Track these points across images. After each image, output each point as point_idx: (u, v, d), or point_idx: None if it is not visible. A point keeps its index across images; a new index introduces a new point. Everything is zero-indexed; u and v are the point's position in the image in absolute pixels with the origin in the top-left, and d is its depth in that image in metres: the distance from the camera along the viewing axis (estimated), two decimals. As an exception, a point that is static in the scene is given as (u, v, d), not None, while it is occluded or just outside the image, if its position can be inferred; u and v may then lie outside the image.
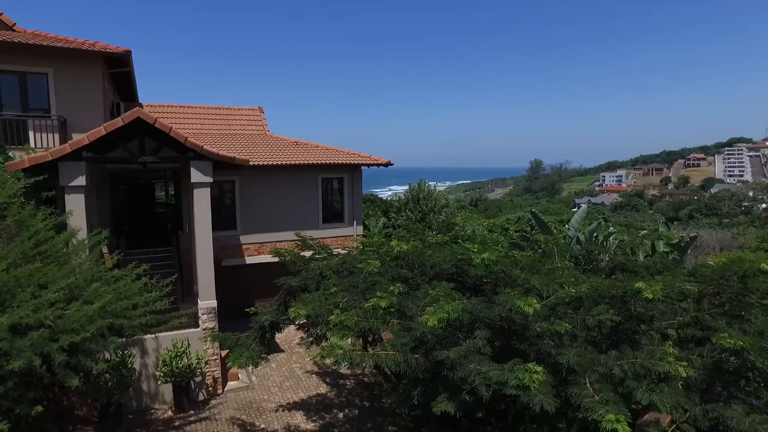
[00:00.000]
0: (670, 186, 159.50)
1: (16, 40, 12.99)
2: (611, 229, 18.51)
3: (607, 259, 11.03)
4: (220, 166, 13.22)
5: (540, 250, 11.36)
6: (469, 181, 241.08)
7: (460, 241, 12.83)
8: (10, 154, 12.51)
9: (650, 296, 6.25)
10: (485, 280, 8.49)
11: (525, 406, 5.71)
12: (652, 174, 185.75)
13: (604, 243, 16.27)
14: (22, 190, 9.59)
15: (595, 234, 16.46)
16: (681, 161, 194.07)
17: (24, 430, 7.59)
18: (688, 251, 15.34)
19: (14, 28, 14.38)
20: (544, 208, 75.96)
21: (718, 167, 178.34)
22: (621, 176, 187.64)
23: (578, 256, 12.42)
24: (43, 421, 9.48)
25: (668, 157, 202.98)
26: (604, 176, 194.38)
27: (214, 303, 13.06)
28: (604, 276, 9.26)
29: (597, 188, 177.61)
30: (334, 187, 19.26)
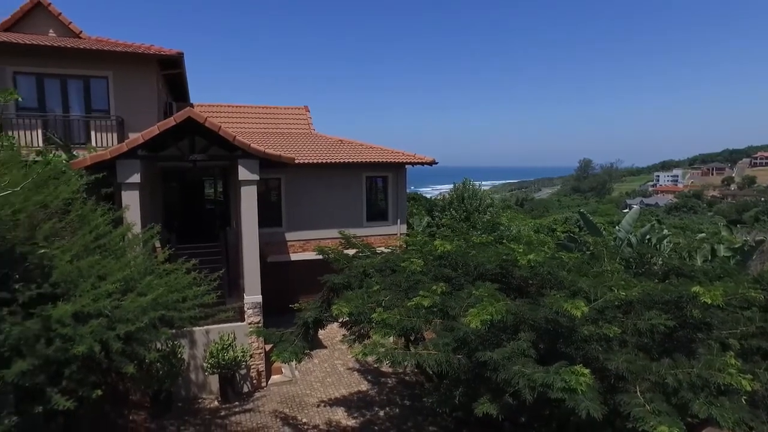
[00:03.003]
0: (733, 186, 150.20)
1: (82, 47, 13.87)
2: (665, 231, 17.63)
3: (660, 262, 10.54)
4: (267, 164, 13.53)
5: (588, 252, 10.99)
6: (514, 181, 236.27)
7: (504, 241, 12.60)
8: (74, 152, 13.27)
9: (708, 301, 5.92)
10: (530, 281, 8.31)
11: (570, 412, 5.53)
12: (712, 174, 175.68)
13: (658, 246, 15.53)
14: (84, 187, 10.14)
15: (647, 236, 15.74)
16: (746, 160, 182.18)
17: (86, 410, 8.08)
18: (754, 256, 14.38)
19: (80, 35, 15.29)
20: (592, 208, 73.47)
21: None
22: (677, 176, 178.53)
23: (629, 259, 11.92)
24: (102, 403, 10.05)
25: (731, 156, 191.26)
26: (658, 176, 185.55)
27: (259, 298, 13.39)
28: (657, 280, 8.85)
29: (650, 189, 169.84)
30: (378, 185, 19.32)
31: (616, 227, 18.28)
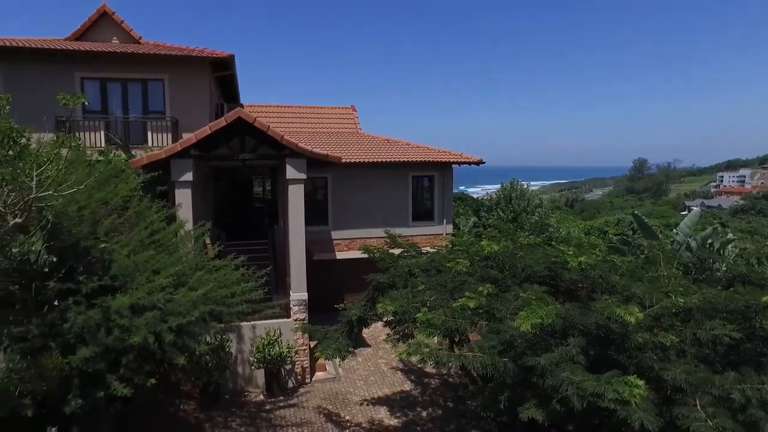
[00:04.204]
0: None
1: (141, 52, 14.63)
2: (730, 235, 16.57)
3: (724, 268, 9.90)
4: (314, 163, 13.73)
5: (643, 256, 10.49)
6: (564, 181, 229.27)
7: (553, 243, 12.24)
8: (133, 152, 13.95)
9: (780, 312, 5.49)
10: (580, 284, 8.03)
11: (622, 422, 5.27)
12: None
13: (721, 251, 14.60)
14: (141, 185, 10.63)
15: (709, 240, 14.83)
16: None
17: (141, 397, 8.47)
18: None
19: (140, 41, 16.07)
20: (648, 210, 70.16)
21: None
22: (744, 176, 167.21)
23: (688, 263, 11.28)
24: (156, 392, 10.51)
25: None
26: (722, 176, 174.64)
27: (305, 295, 13.61)
28: (720, 288, 8.31)
29: (712, 190, 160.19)
30: (424, 185, 19.23)
31: (674, 230, 17.33)
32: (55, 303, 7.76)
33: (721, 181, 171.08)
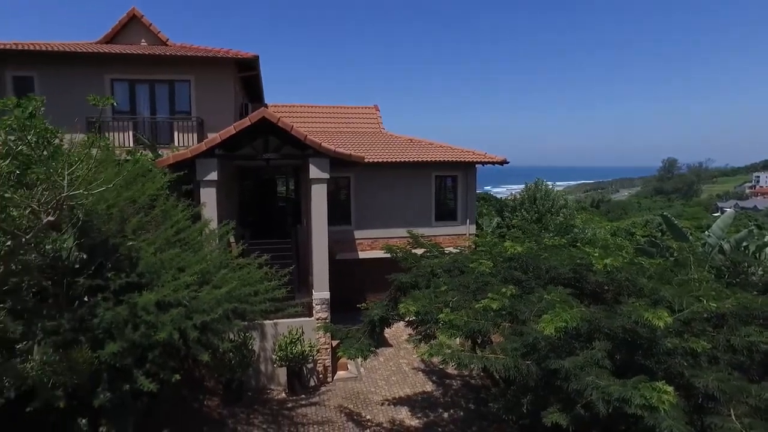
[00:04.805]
0: None
1: (168, 54, 14.95)
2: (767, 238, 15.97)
3: (760, 272, 9.54)
4: (337, 162, 13.77)
5: (672, 259, 10.19)
6: (591, 181, 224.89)
7: (579, 244, 12.00)
8: (159, 152, 14.24)
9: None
10: (606, 287, 7.85)
11: (649, 430, 5.11)
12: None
13: (757, 254, 14.06)
14: (167, 184, 10.84)
15: (744, 243, 14.30)
16: None
17: (166, 392, 8.63)
18: None
19: (167, 43, 16.40)
20: (677, 211, 68.29)
21: None
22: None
23: (720, 267, 10.90)
24: (180, 387, 10.71)
25: None
26: (758, 176, 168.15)
27: (327, 294, 13.67)
28: (756, 292, 8.02)
29: (747, 190, 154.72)
30: (447, 185, 19.11)
31: (706, 232, 16.79)
32: (85, 299, 7.99)
33: (757, 181, 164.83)
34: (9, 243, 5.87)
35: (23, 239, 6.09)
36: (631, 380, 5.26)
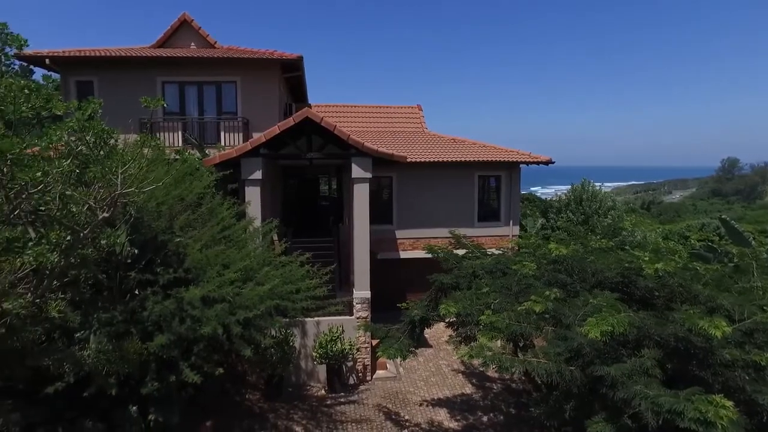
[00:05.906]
0: None
1: (216, 56, 15.42)
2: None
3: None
4: (379, 162, 13.81)
5: (731, 265, 9.61)
6: (641, 182, 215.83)
7: (627, 247, 11.55)
8: (207, 151, 14.71)
9: None
10: (657, 293, 7.49)
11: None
12: None
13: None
14: (213, 183, 11.17)
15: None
16: None
17: (210, 385, 8.91)
18: None
19: (215, 46, 16.94)
20: (738, 215, 64.43)
21: None
22: None
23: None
24: (223, 381, 11.02)
25: None
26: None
27: (368, 293, 13.73)
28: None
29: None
30: (490, 185, 18.81)
31: (769, 237, 15.76)
32: (136, 292, 8.34)
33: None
34: (69, 238, 6.19)
35: (81, 234, 6.41)
36: (684, 392, 4.98)
